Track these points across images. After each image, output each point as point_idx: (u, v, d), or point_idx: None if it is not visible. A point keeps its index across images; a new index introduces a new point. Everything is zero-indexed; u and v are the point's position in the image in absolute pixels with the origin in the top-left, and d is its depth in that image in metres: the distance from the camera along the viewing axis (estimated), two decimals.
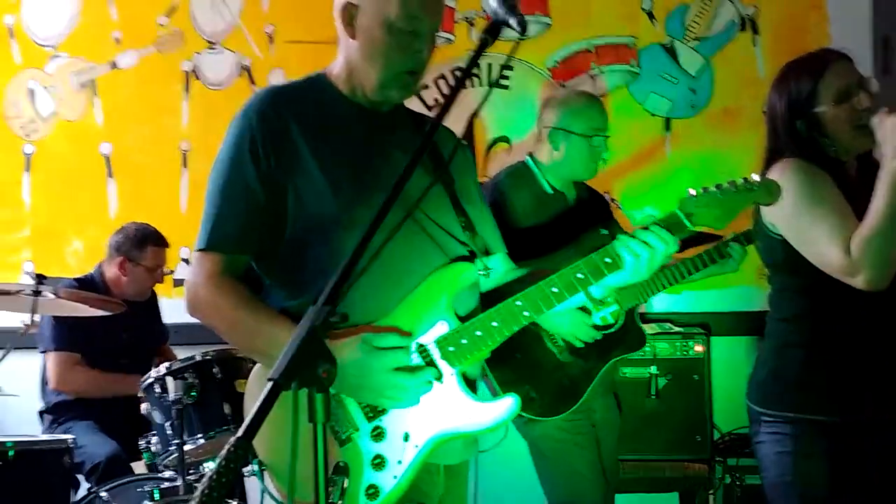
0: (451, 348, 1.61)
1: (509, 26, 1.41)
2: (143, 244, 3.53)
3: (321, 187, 1.62)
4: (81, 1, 4.21)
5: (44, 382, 3.53)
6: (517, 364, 2.56)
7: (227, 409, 2.84)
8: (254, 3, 4.13)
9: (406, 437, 1.58)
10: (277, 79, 4.06)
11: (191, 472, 2.78)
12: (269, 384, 1.11)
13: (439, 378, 1.60)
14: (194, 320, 1.66)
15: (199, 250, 1.65)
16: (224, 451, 1.06)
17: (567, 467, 2.66)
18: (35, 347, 3.45)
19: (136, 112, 4.20)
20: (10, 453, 2.78)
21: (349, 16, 1.66)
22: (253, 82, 4.12)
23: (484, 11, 3.92)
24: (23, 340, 2.84)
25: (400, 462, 1.57)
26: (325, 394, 1.14)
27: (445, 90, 4.00)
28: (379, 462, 1.57)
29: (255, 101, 1.69)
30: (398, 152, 1.68)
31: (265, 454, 1.63)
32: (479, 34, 1.41)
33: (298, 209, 1.63)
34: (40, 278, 2.89)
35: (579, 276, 1.60)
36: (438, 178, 1.59)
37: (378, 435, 1.58)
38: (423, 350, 1.61)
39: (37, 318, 3.09)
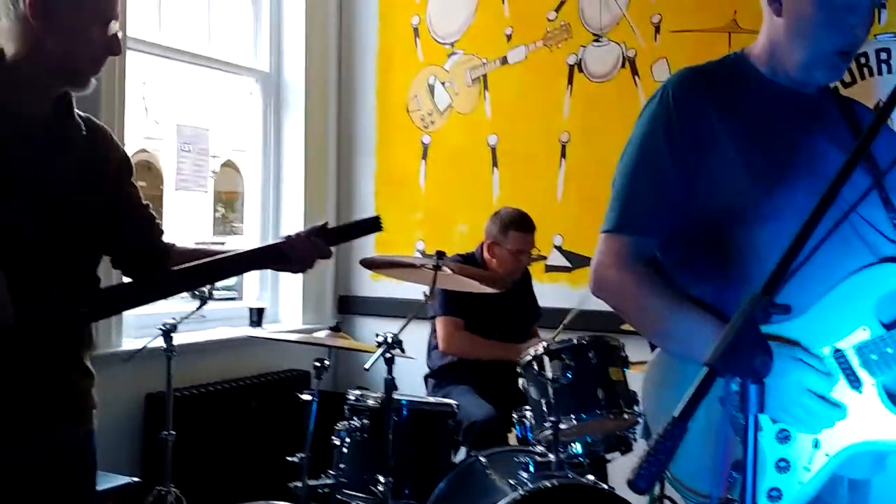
0: (873, 356, 1.47)
1: None
2: (507, 228, 3.68)
3: (737, 171, 1.55)
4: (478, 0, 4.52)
5: (429, 348, 3.84)
6: None
7: (600, 393, 2.86)
8: None
9: (816, 444, 1.48)
10: (661, 70, 4.01)
11: (561, 450, 2.86)
12: (705, 369, 1.08)
13: (858, 387, 1.48)
14: (560, 305, 1.67)
15: (606, 231, 1.63)
16: (660, 430, 1.07)
17: None
18: (425, 318, 3.75)
19: (522, 105, 4.39)
20: (404, 411, 3.09)
21: None
22: (636, 74, 4.10)
23: None
24: (420, 310, 3.07)
25: (807, 469, 1.48)
26: (761, 385, 1.10)
27: (846, 76, 3.67)
28: (784, 465, 1.49)
29: (672, 81, 1.65)
30: (822, 138, 1.57)
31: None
32: None
33: (711, 193, 1.57)
34: (440, 255, 3.09)
35: None
36: (877, 182, 1.46)
37: (785, 438, 1.50)
38: (840, 356, 1.49)
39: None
